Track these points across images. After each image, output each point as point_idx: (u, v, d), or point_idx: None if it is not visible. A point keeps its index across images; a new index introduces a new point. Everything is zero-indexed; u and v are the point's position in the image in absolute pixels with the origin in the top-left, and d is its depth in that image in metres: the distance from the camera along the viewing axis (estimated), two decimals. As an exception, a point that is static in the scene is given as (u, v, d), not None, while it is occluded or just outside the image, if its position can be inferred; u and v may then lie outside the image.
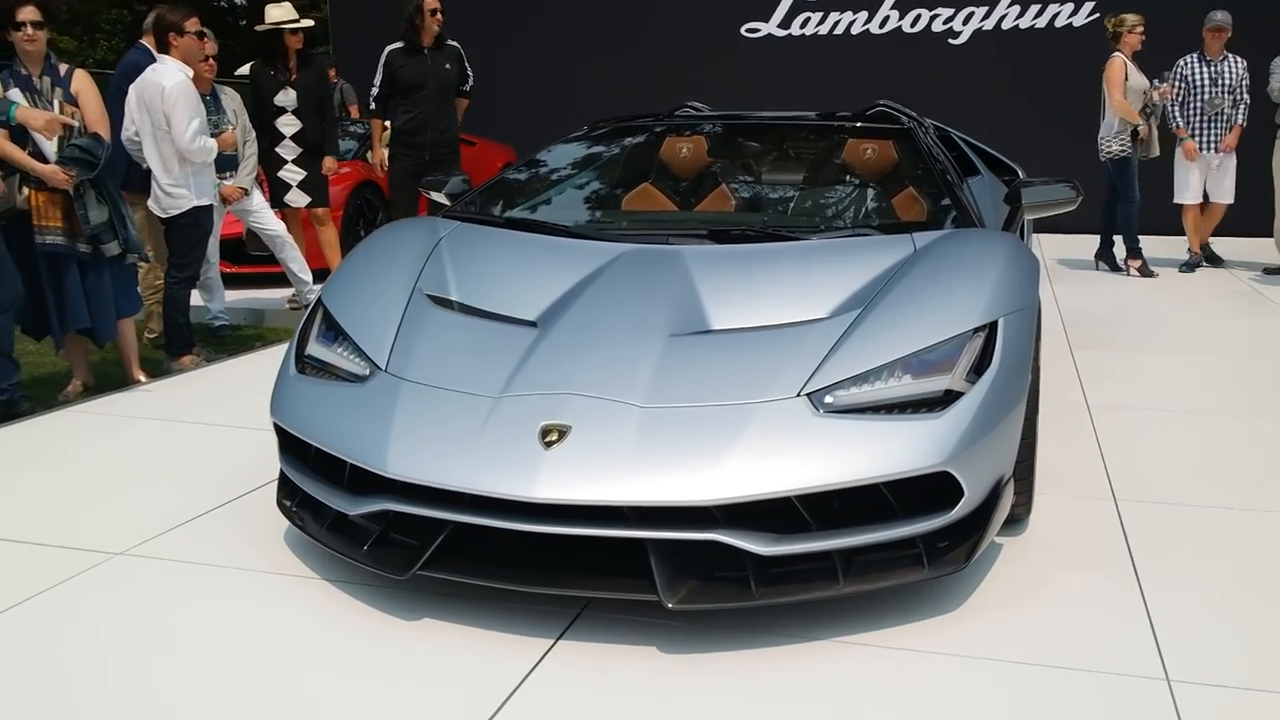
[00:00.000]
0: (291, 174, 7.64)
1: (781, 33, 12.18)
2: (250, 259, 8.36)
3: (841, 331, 3.16)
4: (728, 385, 3.00)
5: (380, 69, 7.81)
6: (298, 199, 7.68)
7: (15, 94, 5.46)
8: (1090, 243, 9.45)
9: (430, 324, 3.38)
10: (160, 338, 6.53)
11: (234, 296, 7.64)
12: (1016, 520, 3.56)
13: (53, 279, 5.58)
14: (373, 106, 7.92)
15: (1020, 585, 3.19)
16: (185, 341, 6.26)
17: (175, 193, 6.02)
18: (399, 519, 3.00)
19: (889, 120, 4.99)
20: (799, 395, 2.95)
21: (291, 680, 2.67)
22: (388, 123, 8.00)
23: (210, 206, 6.26)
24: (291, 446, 3.32)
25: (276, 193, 7.65)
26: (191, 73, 6.05)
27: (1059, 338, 6.50)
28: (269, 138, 7.52)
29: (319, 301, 3.61)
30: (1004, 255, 3.52)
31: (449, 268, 3.69)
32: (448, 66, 7.89)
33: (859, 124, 4.89)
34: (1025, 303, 3.35)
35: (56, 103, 5.50)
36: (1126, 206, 8.76)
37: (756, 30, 12.20)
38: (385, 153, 7.98)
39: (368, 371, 3.25)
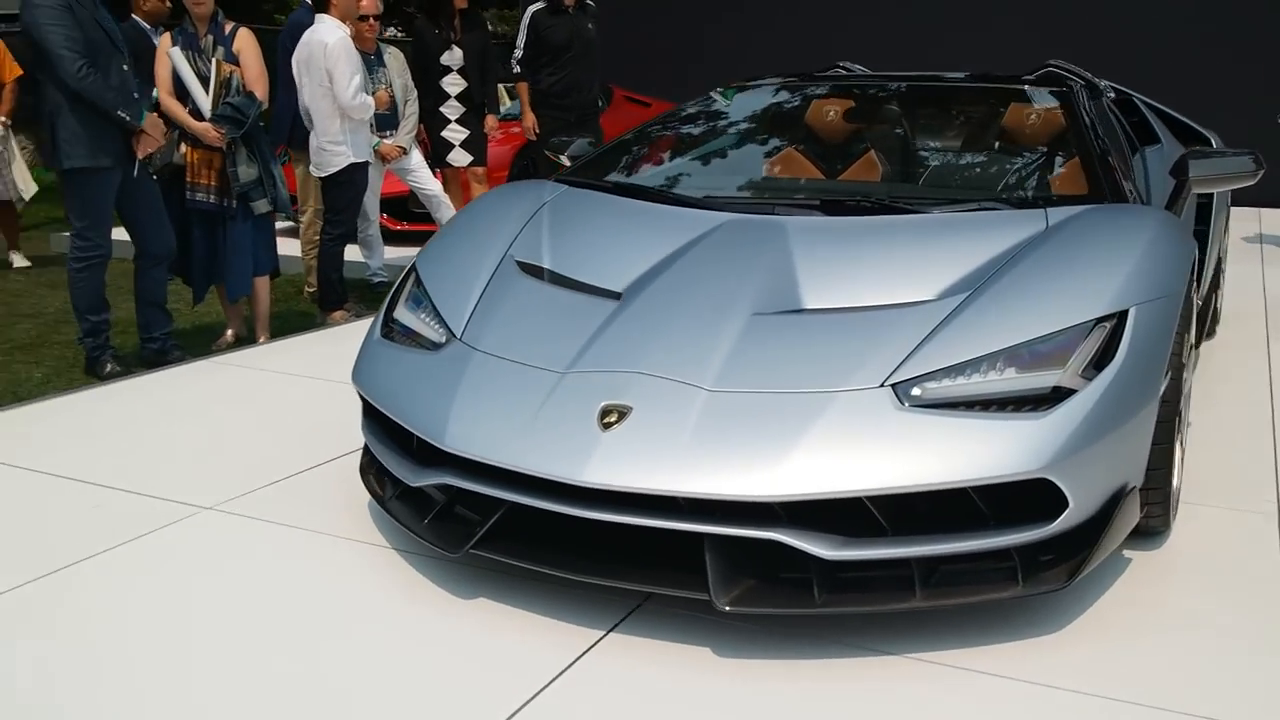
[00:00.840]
0: (455, 133, 7.65)
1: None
2: (413, 216, 8.45)
3: (943, 316, 2.85)
4: (806, 371, 2.74)
5: (524, 30, 7.74)
6: (460, 158, 7.69)
7: (176, 53, 5.61)
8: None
9: (513, 292, 3.25)
10: (318, 292, 6.66)
11: (395, 254, 7.74)
12: (1154, 533, 3.19)
13: (203, 234, 5.74)
14: (517, 70, 7.83)
15: (1140, 609, 2.83)
16: (338, 297, 6.37)
17: (334, 150, 6.11)
18: (467, 494, 2.89)
19: (1055, 83, 4.54)
20: (883, 385, 2.67)
21: (333, 648, 2.61)
22: None
23: (366, 164, 6.33)
24: (372, 412, 3.25)
25: (439, 152, 7.68)
26: (350, 29, 6.10)
27: (1258, 327, 5.86)
28: (433, 97, 7.53)
29: (413, 264, 3.54)
30: (1149, 236, 3.11)
31: (546, 233, 3.55)
32: (590, 26, 7.77)
33: (1011, 86, 4.47)
34: (1166, 290, 2.96)
35: (215, 61, 5.63)
36: None
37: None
38: (534, 117, 7.90)
39: (444, 339, 3.15)
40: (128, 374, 5.10)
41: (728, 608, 2.52)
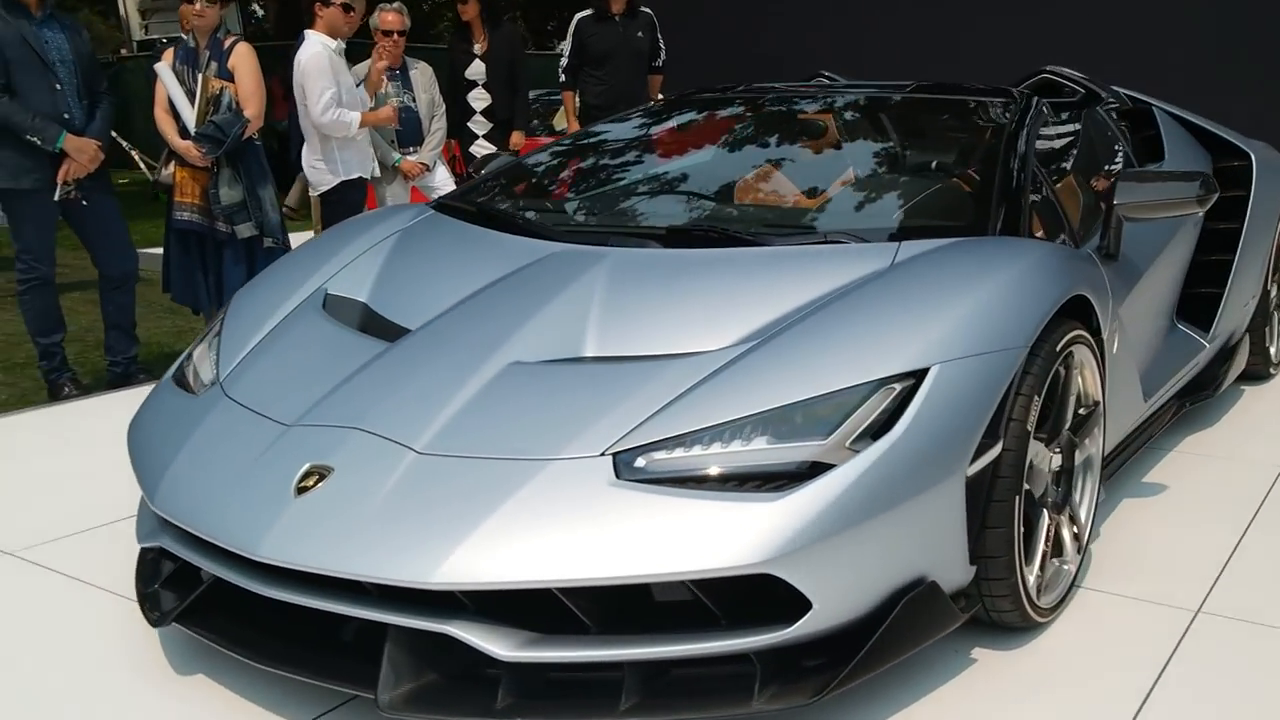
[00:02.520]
0: (482, 149, 7.45)
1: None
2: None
3: (711, 370, 2.43)
4: (532, 432, 2.36)
5: (569, 38, 7.49)
6: (490, 175, 7.49)
7: (163, 68, 5.55)
8: None
9: (295, 331, 2.96)
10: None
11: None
12: (1014, 629, 2.67)
13: (202, 256, 5.67)
14: (562, 79, 7.60)
15: (944, 729, 2.34)
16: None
17: (319, 167, 5.97)
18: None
19: (1049, 92, 3.99)
20: (603, 454, 2.27)
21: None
22: None
23: (360, 179, 6.16)
24: None
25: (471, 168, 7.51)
26: (334, 44, 5.94)
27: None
28: (460, 111, 7.37)
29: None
30: (1002, 277, 2.61)
31: (380, 263, 3.25)
32: (640, 35, 7.43)
33: (951, 99, 3.92)
34: (1001, 344, 2.45)
35: (202, 77, 5.54)
36: None
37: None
38: (579, 129, 7.65)
39: (209, 382, 2.89)
40: (83, 396, 5.05)
41: (386, 711, 2.17)
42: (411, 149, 6.91)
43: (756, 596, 2.19)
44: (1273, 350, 4.79)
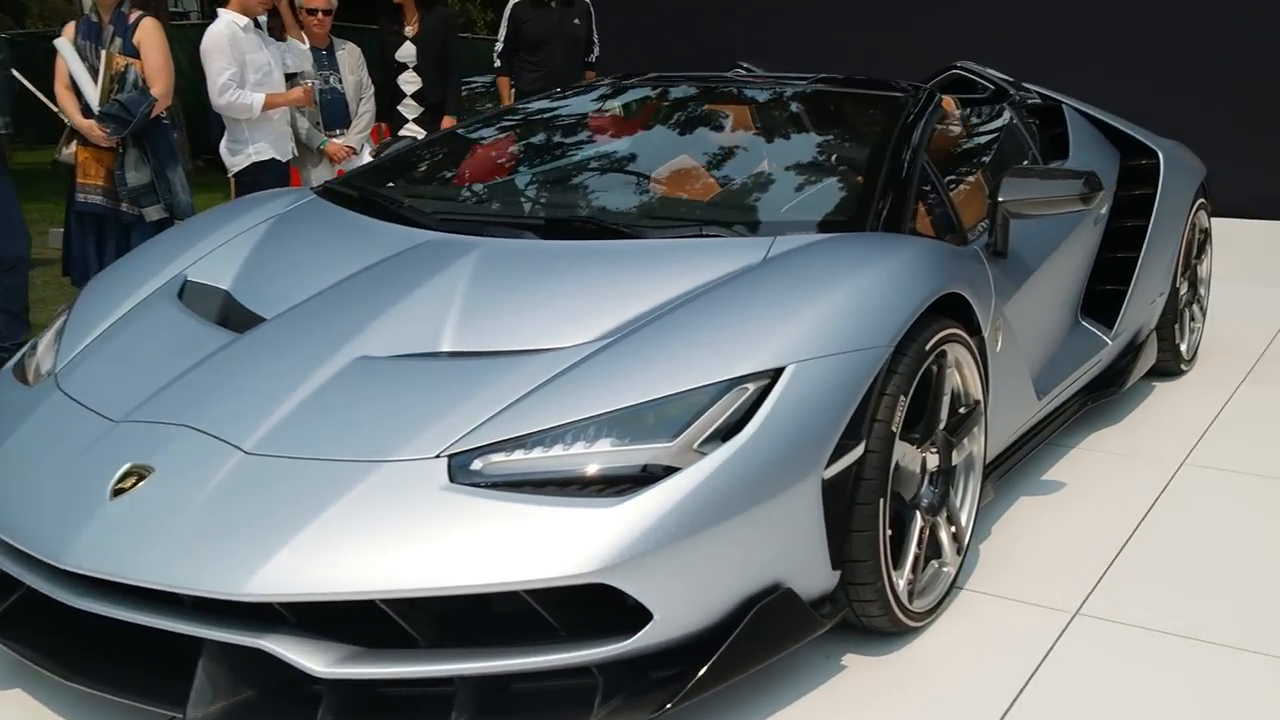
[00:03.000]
0: (412, 133, 7.29)
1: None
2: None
3: (563, 367, 2.31)
4: (367, 432, 2.24)
5: (504, 23, 7.36)
6: (417, 159, 7.33)
7: (63, 44, 5.36)
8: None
9: (142, 321, 2.81)
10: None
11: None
12: (886, 635, 2.58)
13: (104, 237, 5.49)
14: (497, 64, 7.47)
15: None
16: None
17: (230, 148, 5.80)
18: None
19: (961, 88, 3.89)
20: (438, 456, 2.15)
21: None
22: None
23: (273, 161, 5.97)
24: None
25: (398, 152, 7.35)
26: (244, 22, 5.75)
27: (1243, 362, 4.98)
28: (390, 94, 7.20)
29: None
30: (872, 274, 2.51)
31: (249, 249, 3.09)
32: (576, 22, 7.33)
33: (849, 92, 3.81)
34: (865, 343, 2.35)
35: (105, 54, 5.34)
36: None
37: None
38: None
39: (46, 373, 2.73)
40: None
41: (193, 731, 2.04)
42: (338, 131, 6.73)
43: (600, 606, 2.08)
44: (1183, 347, 4.71)
